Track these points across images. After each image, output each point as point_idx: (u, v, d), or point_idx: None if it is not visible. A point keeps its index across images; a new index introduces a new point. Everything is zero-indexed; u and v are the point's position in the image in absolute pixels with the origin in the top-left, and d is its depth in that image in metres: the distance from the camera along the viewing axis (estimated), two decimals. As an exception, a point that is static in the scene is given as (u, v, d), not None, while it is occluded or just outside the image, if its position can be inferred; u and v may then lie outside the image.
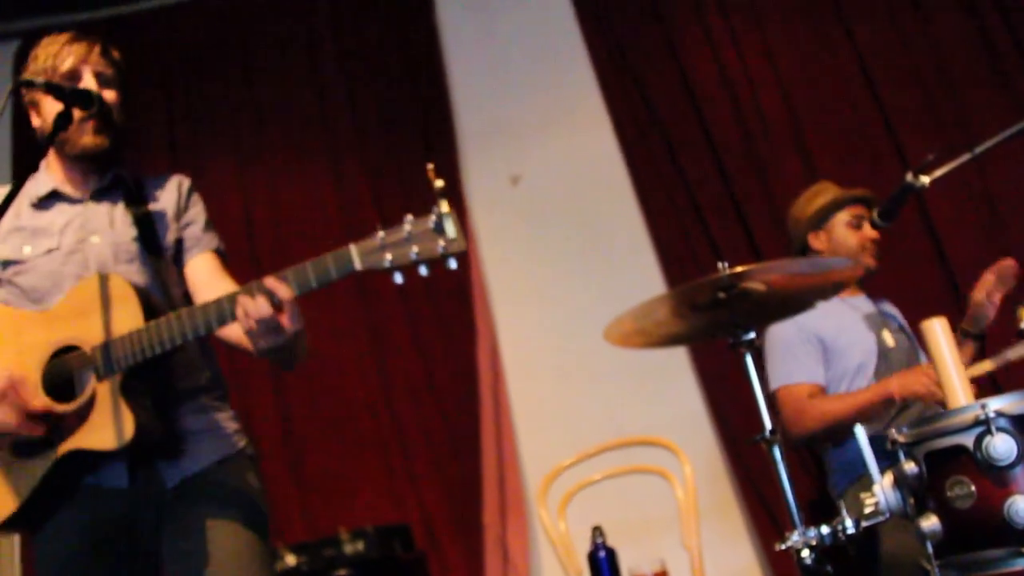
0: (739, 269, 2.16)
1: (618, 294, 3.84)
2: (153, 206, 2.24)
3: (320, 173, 4.96)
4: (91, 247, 2.15)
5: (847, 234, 3.19)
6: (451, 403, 4.58)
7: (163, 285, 2.14)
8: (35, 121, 2.23)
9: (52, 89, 1.99)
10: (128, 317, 1.93)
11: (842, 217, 3.20)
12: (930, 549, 1.80)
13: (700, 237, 4.55)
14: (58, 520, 2.04)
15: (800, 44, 4.70)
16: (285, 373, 4.64)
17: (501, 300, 4.77)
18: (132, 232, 2.18)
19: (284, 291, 1.80)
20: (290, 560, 3.93)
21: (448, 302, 4.66)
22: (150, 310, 1.95)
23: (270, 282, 1.81)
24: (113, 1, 5.17)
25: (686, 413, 4.46)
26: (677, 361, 4.51)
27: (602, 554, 3.19)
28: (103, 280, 2.00)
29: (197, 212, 2.31)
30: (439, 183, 1.71)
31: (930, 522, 1.79)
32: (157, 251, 2.18)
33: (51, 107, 2.14)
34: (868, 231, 3.16)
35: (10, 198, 1.90)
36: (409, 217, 1.73)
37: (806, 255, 3.26)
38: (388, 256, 1.73)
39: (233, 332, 2.04)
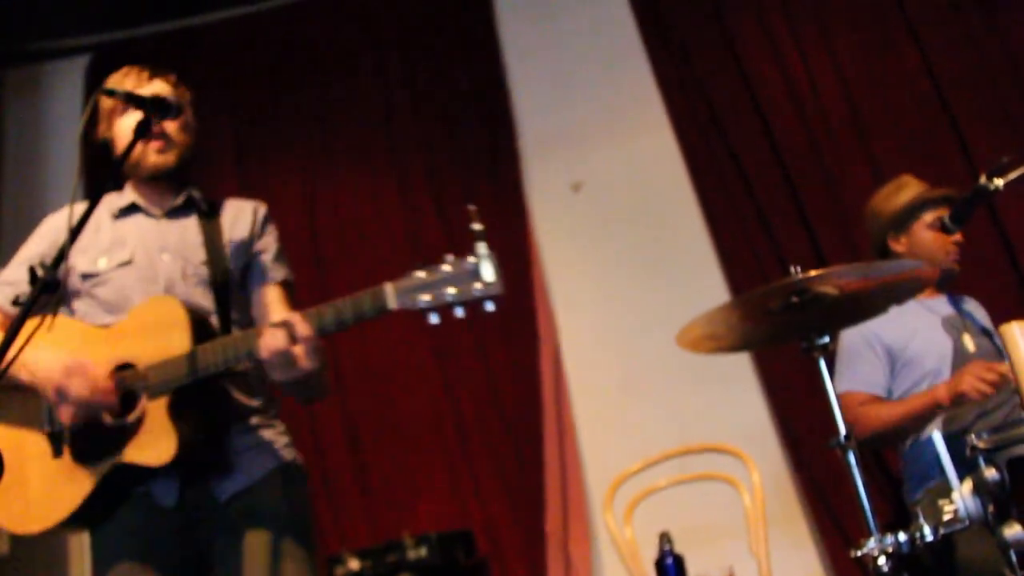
0: (812, 273, 2.14)
1: (681, 300, 3.83)
2: (227, 231, 2.29)
3: (385, 181, 5.01)
4: (162, 264, 2.21)
5: (930, 237, 3.05)
6: (514, 410, 4.59)
7: (225, 310, 2.20)
8: (103, 131, 2.29)
9: (132, 99, 2.05)
10: (178, 341, 2.01)
11: (925, 219, 3.06)
12: (1013, 558, 1.76)
13: (763, 242, 4.51)
14: (115, 522, 2.12)
15: (864, 44, 4.64)
16: (350, 382, 4.69)
17: (563, 307, 4.77)
18: (202, 255, 2.24)
19: (302, 328, 1.87)
20: (353, 565, 3.97)
21: (511, 309, 4.66)
22: (201, 335, 2.02)
23: (293, 317, 1.88)
24: (181, 14, 5.27)
25: (750, 420, 4.42)
26: (741, 368, 4.47)
27: (669, 560, 3.18)
28: (162, 302, 2.09)
29: (270, 241, 2.35)
30: (477, 225, 1.75)
31: (1013, 531, 1.75)
32: (224, 276, 2.23)
33: (125, 123, 2.23)
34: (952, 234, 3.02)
35: (88, 213, 1.94)
36: (449, 257, 1.76)
37: (885, 254, 3.15)
38: (425, 296, 1.76)
39: None
